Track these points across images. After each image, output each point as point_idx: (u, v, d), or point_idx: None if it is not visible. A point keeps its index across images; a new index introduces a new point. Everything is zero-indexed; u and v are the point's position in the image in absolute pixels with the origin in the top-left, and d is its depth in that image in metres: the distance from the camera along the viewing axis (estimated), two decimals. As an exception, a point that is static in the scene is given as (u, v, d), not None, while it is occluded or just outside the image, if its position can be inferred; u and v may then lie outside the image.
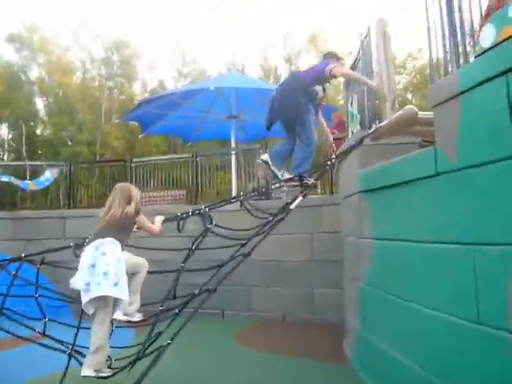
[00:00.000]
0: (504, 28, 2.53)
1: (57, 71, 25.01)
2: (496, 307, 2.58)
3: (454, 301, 3.00)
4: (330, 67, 5.01)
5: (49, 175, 10.16)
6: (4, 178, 9.93)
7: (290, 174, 5.12)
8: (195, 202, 8.99)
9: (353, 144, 4.93)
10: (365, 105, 5.25)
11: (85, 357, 3.79)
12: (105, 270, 3.54)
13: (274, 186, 5.26)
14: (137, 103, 12.20)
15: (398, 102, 5.16)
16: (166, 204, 9.38)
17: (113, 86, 26.96)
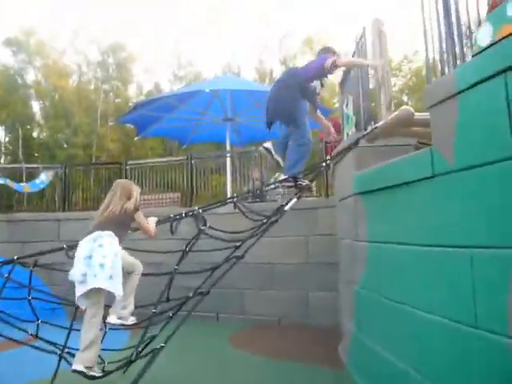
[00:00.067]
0: (502, 26, 2.49)
1: (53, 74, 25.00)
2: (495, 312, 2.53)
3: (450, 304, 2.95)
4: (331, 60, 4.96)
5: (44, 178, 10.09)
6: (0, 180, 9.87)
7: (284, 174, 5.07)
8: (190, 204, 8.93)
9: (348, 145, 4.90)
10: (360, 106, 5.23)
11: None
12: (101, 261, 3.52)
13: (268, 187, 5.21)
14: (132, 105, 12.14)
15: (394, 104, 5.12)
16: (161, 207, 9.32)
17: (109, 89, 26.95)
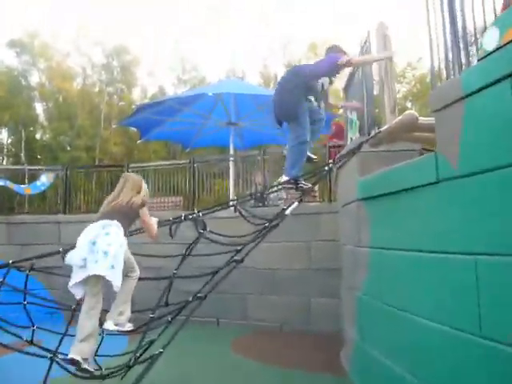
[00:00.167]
0: (508, 30, 2.45)
1: (57, 77, 25.01)
2: (500, 320, 2.48)
3: (453, 311, 2.90)
4: (345, 58, 4.88)
5: (45, 180, 10.10)
6: (0, 182, 9.86)
7: (284, 175, 4.99)
8: (192, 208, 8.88)
9: (351, 149, 4.86)
10: (364, 111, 5.19)
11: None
12: (105, 249, 3.46)
13: (270, 190, 5.15)
14: (135, 108, 12.09)
15: (398, 110, 5.07)
16: (162, 210, 9.27)
17: (112, 91, 26.97)
